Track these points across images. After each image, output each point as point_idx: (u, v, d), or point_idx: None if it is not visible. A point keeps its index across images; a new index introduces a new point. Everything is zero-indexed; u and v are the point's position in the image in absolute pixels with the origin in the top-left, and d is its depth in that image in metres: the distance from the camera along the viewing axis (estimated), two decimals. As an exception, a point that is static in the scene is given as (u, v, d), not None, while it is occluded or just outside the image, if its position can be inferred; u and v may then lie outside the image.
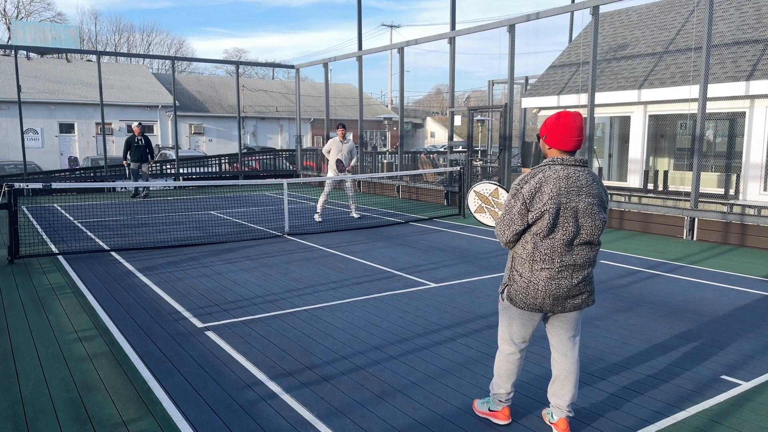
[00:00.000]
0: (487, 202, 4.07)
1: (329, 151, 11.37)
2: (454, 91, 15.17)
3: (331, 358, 4.50)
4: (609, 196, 3.22)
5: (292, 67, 21.49)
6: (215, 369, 4.28)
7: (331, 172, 11.41)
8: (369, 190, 17.86)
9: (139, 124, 14.95)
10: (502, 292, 3.36)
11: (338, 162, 11.21)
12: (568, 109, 3.24)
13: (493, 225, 3.68)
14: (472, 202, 4.10)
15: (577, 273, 3.14)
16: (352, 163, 11.58)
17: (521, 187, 3.09)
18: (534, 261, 3.12)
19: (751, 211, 10.38)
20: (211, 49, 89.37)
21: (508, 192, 3.55)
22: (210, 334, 5.03)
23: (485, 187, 4.08)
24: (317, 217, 11.37)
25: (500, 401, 3.49)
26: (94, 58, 34.94)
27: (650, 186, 12.68)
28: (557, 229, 3.06)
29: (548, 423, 3.44)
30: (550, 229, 3.05)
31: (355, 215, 11.94)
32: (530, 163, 14.94)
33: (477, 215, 4.09)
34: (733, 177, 11.54)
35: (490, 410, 3.54)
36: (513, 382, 3.45)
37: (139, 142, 14.82)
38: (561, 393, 3.33)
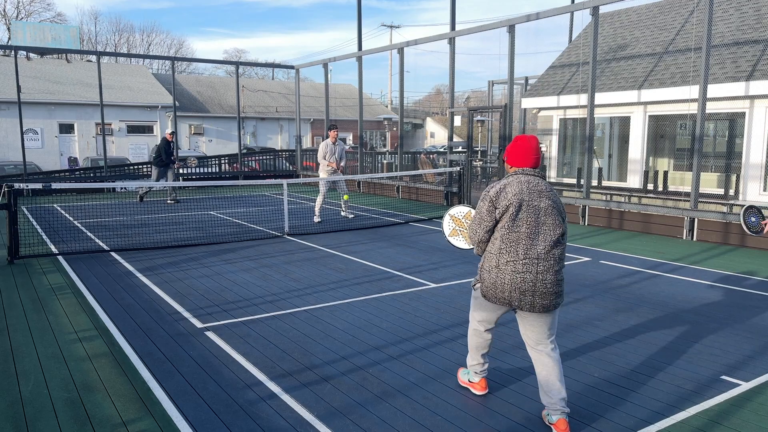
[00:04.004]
0: (460, 224, 4.37)
1: (324, 156, 11.46)
2: (453, 91, 15.18)
3: (331, 358, 4.50)
4: (564, 209, 3.59)
5: (291, 67, 21.49)
6: (215, 369, 4.27)
7: (323, 173, 11.50)
8: (369, 190, 17.86)
9: (172, 132, 15.14)
10: (474, 286, 3.76)
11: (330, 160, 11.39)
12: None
13: (467, 248, 4.23)
14: (447, 225, 4.39)
15: (542, 268, 3.36)
16: (342, 164, 11.70)
17: (488, 192, 3.51)
18: (501, 254, 3.42)
19: (751, 212, 10.37)
20: (211, 49, 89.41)
21: (463, 210, 4.33)
22: (210, 334, 5.03)
23: (459, 210, 4.36)
24: (316, 219, 11.43)
25: (476, 373, 3.89)
26: (93, 58, 34.95)
27: (650, 186, 12.68)
28: (521, 222, 3.38)
29: (548, 424, 3.49)
30: (513, 221, 3.38)
31: (349, 215, 11.96)
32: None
33: (451, 239, 4.37)
34: (733, 177, 11.54)
35: (470, 381, 3.96)
36: (484, 354, 3.86)
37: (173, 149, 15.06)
38: (550, 392, 3.46)
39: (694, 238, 9.81)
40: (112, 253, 8.49)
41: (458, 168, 13.07)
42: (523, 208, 3.38)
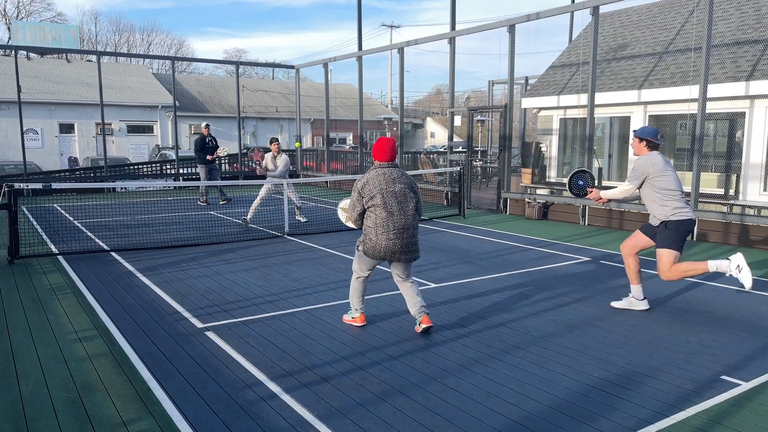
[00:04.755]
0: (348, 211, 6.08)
1: (266, 168, 11.11)
2: (454, 91, 15.17)
3: (331, 358, 4.50)
4: (417, 185, 5.08)
5: (292, 67, 21.49)
6: (215, 369, 4.27)
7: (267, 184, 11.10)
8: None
9: (207, 125, 14.62)
10: (358, 246, 5.02)
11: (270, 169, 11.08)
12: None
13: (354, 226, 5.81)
14: (341, 214, 6.28)
15: (406, 235, 4.83)
16: (276, 172, 11.20)
17: (357, 185, 4.89)
18: (376, 228, 4.79)
19: (751, 212, 10.38)
20: (211, 49, 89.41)
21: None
22: (210, 334, 5.03)
23: (344, 203, 6.14)
24: (247, 218, 10.87)
25: (357, 309, 5.19)
26: (94, 58, 34.93)
27: (650, 186, 12.65)
28: (385, 205, 4.77)
29: (418, 327, 4.97)
30: (379, 205, 4.77)
31: (302, 219, 11.59)
32: (530, 163, 14.95)
33: (347, 223, 5.92)
34: (733, 177, 11.53)
35: (352, 318, 5.22)
36: (362, 296, 5.20)
37: (210, 142, 14.35)
38: (414, 303, 5.00)
39: (694, 239, 9.81)
40: (113, 253, 8.50)
41: (458, 168, 13.07)
42: (384, 195, 4.76)
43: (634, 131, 5.80)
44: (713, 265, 5.32)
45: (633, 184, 5.65)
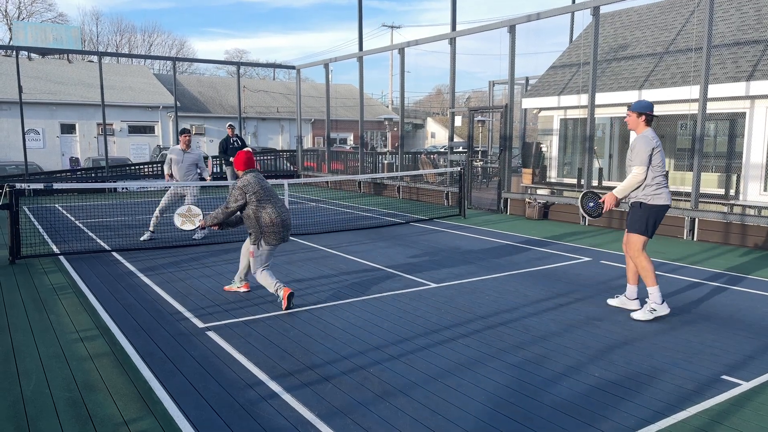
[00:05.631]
0: (186, 216, 7.70)
1: (169, 164, 9.52)
2: (454, 91, 15.18)
3: (331, 358, 4.51)
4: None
5: (292, 67, 21.51)
6: (216, 369, 4.28)
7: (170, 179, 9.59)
8: (369, 190, 17.87)
9: (231, 125, 14.22)
10: (257, 245, 5.86)
11: (169, 173, 9.53)
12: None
13: (192, 228, 7.78)
14: (178, 220, 7.58)
15: (288, 216, 5.99)
16: (205, 175, 9.85)
17: (239, 185, 5.86)
18: (272, 218, 5.79)
19: (752, 212, 10.38)
20: (212, 49, 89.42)
21: (196, 209, 7.87)
22: (211, 334, 5.04)
23: (181, 209, 7.68)
24: (147, 235, 9.51)
25: (279, 288, 5.79)
26: (95, 58, 34.96)
27: (651, 186, 12.65)
28: (270, 198, 5.88)
29: (232, 287, 6.35)
30: (265, 200, 5.83)
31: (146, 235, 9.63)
32: (530, 163, 14.95)
33: (183, 227, 7.57)
34: (734, 177, 11.53)
35: (281, 293, 5.77)
36: (276, 277, 6.14)
37: (235, 143, 13.96)
38: (244, 270, 6.24)
39: (695, 238, 9.81)
40: (114, 253, 8.51)
41: (459, 168, 13.08)
42: (264, 191, 5.87)
43: (630, 106, 5.59)
44: (657, 295, 5.38)
45: (643, 166, 5.34)
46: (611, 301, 5.91)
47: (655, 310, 5.41)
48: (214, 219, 6.01)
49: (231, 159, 13.16)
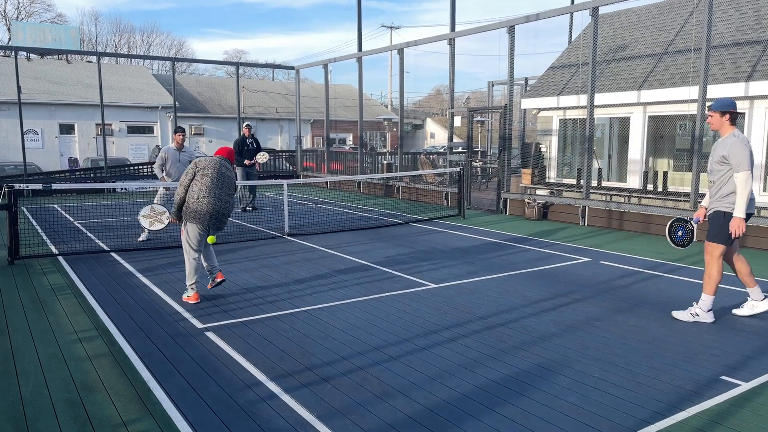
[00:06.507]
0: (150, 216, 8.04)
1: (162, 165, 9.40)
2: (453, 92, 15.18)
3: (330, 358, 4.50)
4: (235, 180, 6.31)
5: (292, 68, 21.51)
6: (215, 370, 4.28)
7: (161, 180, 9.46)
8: (369, 190, 17.87)
9: (248, 125, 13.91)
10: (183, 225, 6.00)
11: (162, 175, 9.41)
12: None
13: (162, 227, 8.01)
14: (144, 220, 7.97)
15: (221, 206, 5.97)
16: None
17: (194, 160, 6.15)
18: (200, 198, 5.87)
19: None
20: (211, 50, 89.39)
21: (159, 207, 8.15)
22: (210, 334, 5.03)
23: (144, 210, 8.07)
24: (144, 236, 9.44)
25: (192, 289, 5.97)
26: (94, 59, 34.92)
27: (650, 187, 12.68)
28: (213, 185, 5.96)
29: (212, 283, 6.15)
30: (206, 182, 5.94)
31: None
32: (529, 163, 14.96)
33: (151, 228, 8.01)
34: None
35: (188, 296, 5.97)
36: (198, 276, 6.04)
37: (251, 144, 13.68)
38: (210, 263, 6.15)
39: (694, 239, 9.79)
40: (112, 254, 8.50)
41: (458, 168, 13.08)
42: (212, 175, 5.97)
43: (711, 105, 5.23)
44: (708, 303, 5.33)
45: (748, 170, 4.98)
46: (738, 311, 5.59)
47: (698, 315, 5.37)
48: (177, 204, 5.98)
49: (245, 161, 13.07)
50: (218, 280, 6.14)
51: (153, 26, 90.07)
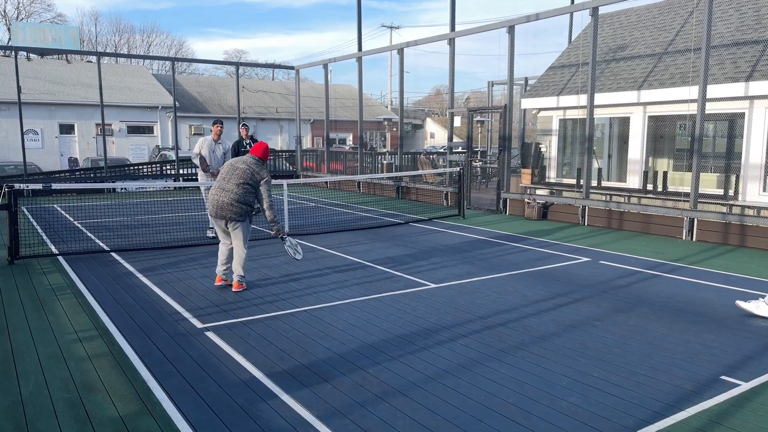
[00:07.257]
0: (295, 250, 7.26)
1: (198, 154, 9.57)
2: (453, 92, 15.18)
3: (330, 358, 4.50)
4: (261, 176, 6.49)
5: (291, 68, 21.50)
6: (215, 369, 4.28)
7: (203, 178, 9.67)
8: (369, 190, 17.87)
9: (245, 125, 13.80)
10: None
11: (202, 160, 9.48)
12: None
13: (301, 255, 7.09)
14: (290, 252, 7.20)
15: (221, 196, 6.27)
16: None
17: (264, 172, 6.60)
18: (211, 189, 6.32)
19: (751, 212, 10.38)
20: (211, 50, 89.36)
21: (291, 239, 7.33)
22: (210, 334, 5.03)
23: (289, 245, 7.20)
24: (210, 233, 9.69)
25: (241, 280, 6.47)
26: (94, 59, 34.92)
27: (650, 187, 12.68)
28: (221, 177, 6.41)
29: (222, 282, 6.52)
30: (220, 175, 6.48)
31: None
32: (529, 163, 14.96)
33: (296, 257, 7.02)
34: (733, 178, 11.54)
35: (239, 285, 6.46)
36: (243, 270, 6.52)
37: (248, 146, 13.54)
38: (233, 266, 6.40)
39: (694, 239, 9.81)
40: (113, 254, 8.50)
41: (458, 168, 13.08)
42: (225, 168, 6.47)
43: None
44: None
45: None
46: (743, 304, 5.64)
47: (760, 308, 5.49)
48: (272, 214, 6.59)
49: None
50: (226, 283, 6.62)
51: (153, 26, 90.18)
